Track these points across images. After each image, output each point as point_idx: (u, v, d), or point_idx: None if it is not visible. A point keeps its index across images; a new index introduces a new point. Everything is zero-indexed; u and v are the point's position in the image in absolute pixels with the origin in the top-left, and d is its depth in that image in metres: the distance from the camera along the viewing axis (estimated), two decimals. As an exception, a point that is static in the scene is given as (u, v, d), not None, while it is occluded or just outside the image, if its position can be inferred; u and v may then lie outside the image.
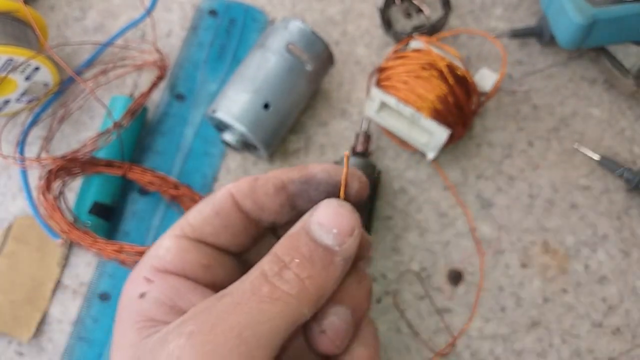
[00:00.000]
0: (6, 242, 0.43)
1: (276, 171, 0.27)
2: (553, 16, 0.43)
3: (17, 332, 0.42)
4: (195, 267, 0.25)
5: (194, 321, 0.21)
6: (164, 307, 0.24)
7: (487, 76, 0.43)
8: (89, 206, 0.42)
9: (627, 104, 0.47)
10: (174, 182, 0.43)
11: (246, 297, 0.22)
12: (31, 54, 0.40)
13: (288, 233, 0.24)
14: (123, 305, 0.24)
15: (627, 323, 0.42)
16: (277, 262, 0.23)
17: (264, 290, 0.22)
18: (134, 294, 0.24)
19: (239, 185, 0.26)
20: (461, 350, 0.42)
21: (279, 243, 0.24)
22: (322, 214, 0.24)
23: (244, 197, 0.26)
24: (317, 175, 0.26)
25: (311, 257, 0.23)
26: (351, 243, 0.24)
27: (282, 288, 0.22)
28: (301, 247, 0.23)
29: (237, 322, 0.21)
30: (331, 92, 0.47)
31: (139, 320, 0.23)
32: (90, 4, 0.50)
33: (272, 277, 0.22)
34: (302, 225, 0.24)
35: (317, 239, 0.24)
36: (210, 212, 0.26)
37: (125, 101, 0.44)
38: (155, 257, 0.25)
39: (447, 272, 0.43)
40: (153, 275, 0.25)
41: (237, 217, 0.26)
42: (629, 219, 0.44)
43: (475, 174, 0.45)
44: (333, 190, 0.26)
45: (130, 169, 0.42)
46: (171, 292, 0.24)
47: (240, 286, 0.22)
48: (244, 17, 0.49)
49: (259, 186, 0.26)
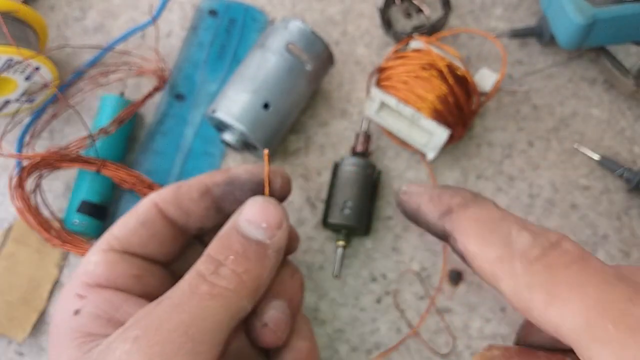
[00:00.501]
0: (6, 244, 0.43)
1: (199, 176, 0.27)
2: (553, 16, 0.43)
3: (12, 333, 0.42)
4: (126, 278, 0.25)
5: (136, 326, 0.21)
6: (101, 321, 0.24)
7: (487, 76, 0.43)
8: (77, 205, 0.42)
9: (627, 104, 0.47)
10: (148, 182, 0.43)
11: (186, 297, 0.22)
12: (31, 54, 0.40)
13: (218, 234, 0.25)
14: (56, 324, 0.24)
15: (627, 323, 0.42)
16: (212, 262, 0.23)
17: (203, 289, 0.22)
18: (67, 312, 0.24)
19: (162, 194, 0.27)
20: (461, 350, 0.42)
21: (210, 245, 0.24)
22: (250, 211, 0.25)
23: (168, 205, 0.26)
24: (240, 176, 0.27)
25: (245, 252, 0.24)
26: (281, 235, 0.25)
27: (220, 284, 0.23)
28: (234, 245, 0.24)
29: (181, 321, 0.21)
30: (331, 92, 0.47)
31: (77, 336, 0.23)
32: (90, 4, 0.50)
33: (209, 275, 0.23)
34: (231, 224, 0.25)
35: (248, 234, 0.24)
36: (136, 223, 0.26)
37: (115, 100, 0.44)
38: (84, 273, 0.25)
39: (448, 272, 0.43)
40: (85, 290, 0.25)
41: (163, 225, 0.26)
42: (629, 219, 0.44)
43: (475, 174, 0.45)
44: (258, 189, 0.27)
45: (103, 165, 0.42)
46: (105, 305, 0.24)
47: (177, 289, 0.23)
48: (244, 17, 0.49)
49: (183, 192, 0.27)
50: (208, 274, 0.23)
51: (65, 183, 0.45)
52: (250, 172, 0.27)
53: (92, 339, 0.23)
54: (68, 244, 0.41)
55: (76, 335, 0.23)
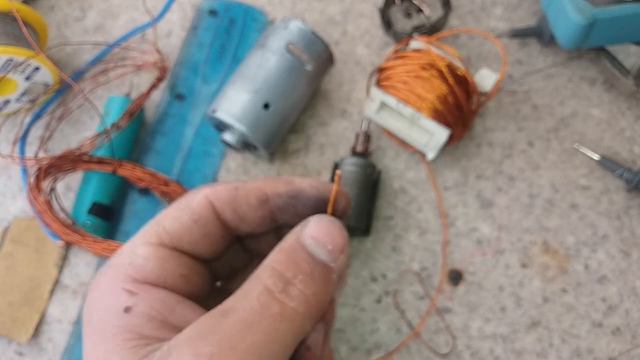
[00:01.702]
0: (3, 244, 0.43)
1: (257, 182, 0.26)
2: (553, 16, 0.43)
3: (16, 334, 0.42)
4: (175, 277, 0.24)
5: (208, 341, 0.21)
6: (155, 322, 0.22)
7: (487, 76, 0.43)
8: (87, 206, 0.42)
9: (627, 104, 0.47)
10: (164, 178, 0.43)
11: (258, 316, 0.21)
12: (31, 54, 0.40)
13: (281, 247, 0.24)
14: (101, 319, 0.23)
15: (627, 323, 0.42)
16: (280, 278, 0.22)
17: (275, 309, 0.22)
18: (114, 308, 0.23)
19: (218, 193, 0.25)
20: (461, 350, 0.42)
21: (275, 258, 0.23)
22: (316, 230, 0.24)
23: (224, 206, 0.25)
24: (305, 190, 0.26)
25: (312, 273, 0.23)
26: (343, 260, 0.24)
27: (290, 305, 0.22)
28: (301, 263, 0.23)
29: (255, 342, 0.21)
30: (331, 92, 0.47)
31: (130, 337, 0.22)
32: (90, 4, 0.50)
33: (279, 294, 0.22)
34: (295, 239, 0.24)
35: (314, 254, 0.23)
36: (189, 219, 0.25)
37: (121, 101, 0.44)
38: (131, 266, 0.24)
39: (447, 272, 0.43)
40: (134, 286, 0.23)
41: (216, 225, 0.25)
42: (629, 218, 0.44)
43: (476, 174, 0.45)
44: (320, 206, 0.26)
45: (120, 165, 0.42)
46: (159, 305, 0.23)
47: (246, 303, 0.22)
48: (244, 17, 0.49)
49: (241, 196, 0.25)
50: (277, 292, 0.22)
51: (65, 183, 0.45)
52: (316, 188, 0.26)
53: (146, 342, 0.22)
54: (85, 243, 0.40)
55: (128, 336, 0.22)
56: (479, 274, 0.43)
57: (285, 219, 0.26)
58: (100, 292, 0.23)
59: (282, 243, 0.24)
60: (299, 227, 0.24)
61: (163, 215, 0.25)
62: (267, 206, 0.26)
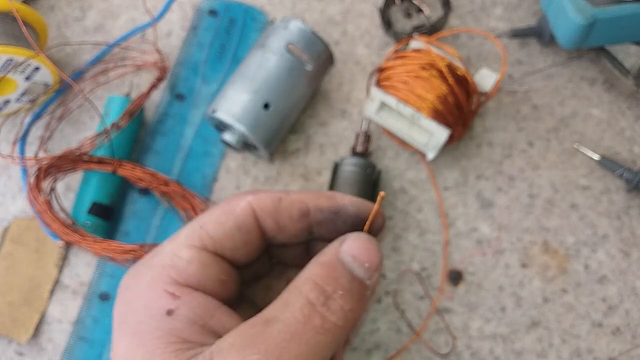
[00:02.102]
0: (3, 244, 0.43)
1: (300, 194, 0.26)
2: (553, 16, 0.43)
3: (16, 334, 0.42)
4: (214, 282, 0.24)
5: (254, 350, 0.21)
6: (196, 327, 0.23)
7: (487, 76, 0.43)
8: (87, 206, 0.42)
9: (627, 104, 0.47)
10: (164, 178, 0.43)
11: (301, 327, 0.22)
12: (31, 54, 0.40)
13: (321, 261, 0.24)
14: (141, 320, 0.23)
15: (627, 323, 0.42)
16: (322, 292, 0.23)
17: (317, 322, 0.22)
18: (157, 310, 0.23)
19: (262, 202, 0.25)
20: (461, 350, 0.42)
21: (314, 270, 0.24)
22: (355, 247, 0.24)
23: (266, 216, 0.25)
24: (347, 208, 0.26)
25: (351, 289, 0.23)
26: (377, 278, 0.25)
27: (331, 319, 0.23)
28: (340, 278, 0.23)
29: (299, 353, 0.21)
30: (331, 92, 0.47)
31: (173, 341, 0.22)
32: (90, 4, 0.50)
33: (321, 307, 0.23)
34: (334, 254, 0.24)
35: (352, 270, 0.24)
36: (233, 226, 0.25)
37: (121, 101, 0.44)
38: (173, 269, 0.24)
39: (448, 272, 0.43)
40: (176, 289, 0.23)
41: (256, 234, 0.26)
42: (629, 218, 0.44)
43: (476, 174, 0.45)
44: (358, 224, 0.26)
45: (120, 165, 0.42)
46: (201, 310, 0.23)
47: (289, 314, 0.22)
48: (244, 17, 0.49)
49: (284, 208, 0.25)
50: (319, 305, 0.23)
51: (65, 183, 0.45)
52: (357, 207, 0.26)
53: (188, 347, 0.22)
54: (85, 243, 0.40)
55: (172, 340, 0.22)
56: (478, 274, 0.43)
57: (322, 233, 0.26)
58: (140, 292, 0.23)
59: (321, 257, 0.24)
60: (337, 242, 0.25)
61: (206, 219, 0.25)
62: (307, 219, 0.26)
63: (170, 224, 0.44)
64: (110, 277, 0.43)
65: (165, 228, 0.44)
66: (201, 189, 0.45)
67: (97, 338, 0.42)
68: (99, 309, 0.42)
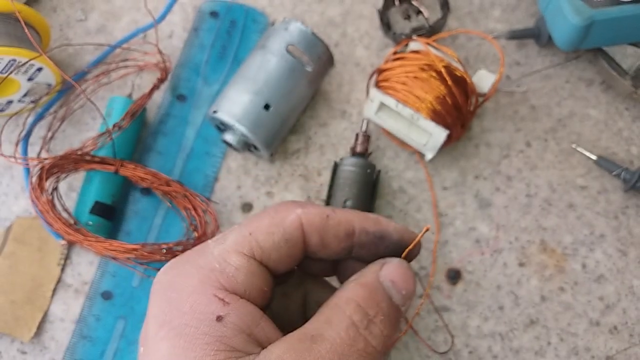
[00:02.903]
0: (6, 243, 0.44)
1: (346, 213, 0.26)
2: (551, 17, 0.43)
3: (18, 333, 0.42)
4: (258, 292, 0.24)
5: None
6: (243, 335, 0.23)
7: (486, 77, 0.44)
8: (90, 206, 0.42)
9: (625, 104, 0.47)
10: (165, 178, 0.43)
11: (347, 349, 0.22)
12: (34, 55, 0.41)
13: (362, 283, 0.25)
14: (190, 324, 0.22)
15: (625, 322, 0.43)
16: (365, 315, 0.23)
17: (360, 344, 0.23)
18: (206, 315, 0.22)
19: (311, 217, 0.25)
20: (460, 349, 0.42)
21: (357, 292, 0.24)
22: (396, 273, 0.25)
23: (313, 232, 0.25)
24: (391, 234, 0.27)
25: (389, 314, 0.24)
26: (408, 306, 0.25)
27: (372, 344, 0.23)
28: (381, 303, 0.24)
29: None
30: (331, 93, 0.48)
31: (222, 348, 0.22)
32: (92, 6, 0.50)
33: (363, 330, 0.23)
34: (375, 278, 0.25)
35: (392, 296, 0.24)
36: (281, 238, 0.25)
37: (123, 102, 0.45)
38: (222, 274, 0.24)
39: (446, 271, 0.44)
40: (225, 295, 0.23)
41: (300, 248, 0.26)
42: (626, 218, 0.45)
43: (474, 174, 0.46)
44: (397, 250, 0.27)
45: (122, 165, 0.42)
46: (249, 318, 0.23)
47: (334, 333, 0.23)
48: (245, 18, 0.49)
49: (331, 226, 0.26)
50: (362, 328, 0.23)
51: (67, 183, 0.45)
52: (400, 234, 0.27)
53: (236, 355, 0.22)
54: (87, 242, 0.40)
55: (220, 347, 0.22)
56: (477, 273, 0.44)
57: (362, 254, 0.27)
58: (187, 293, 0.23)
59: (361, 278, 0.25)
60: (377, 266, 0.25)
61: (255, 227, 0.25)
62: (351, 240, 0.26)
63: (172, 223, 0.44)
64: (112, 276, 0.43)
65: (166, 228, 0.44)
66: (202, 188, 0.45)
67: (100, 336, 0.42)
68: (101, 308, 0.43)
